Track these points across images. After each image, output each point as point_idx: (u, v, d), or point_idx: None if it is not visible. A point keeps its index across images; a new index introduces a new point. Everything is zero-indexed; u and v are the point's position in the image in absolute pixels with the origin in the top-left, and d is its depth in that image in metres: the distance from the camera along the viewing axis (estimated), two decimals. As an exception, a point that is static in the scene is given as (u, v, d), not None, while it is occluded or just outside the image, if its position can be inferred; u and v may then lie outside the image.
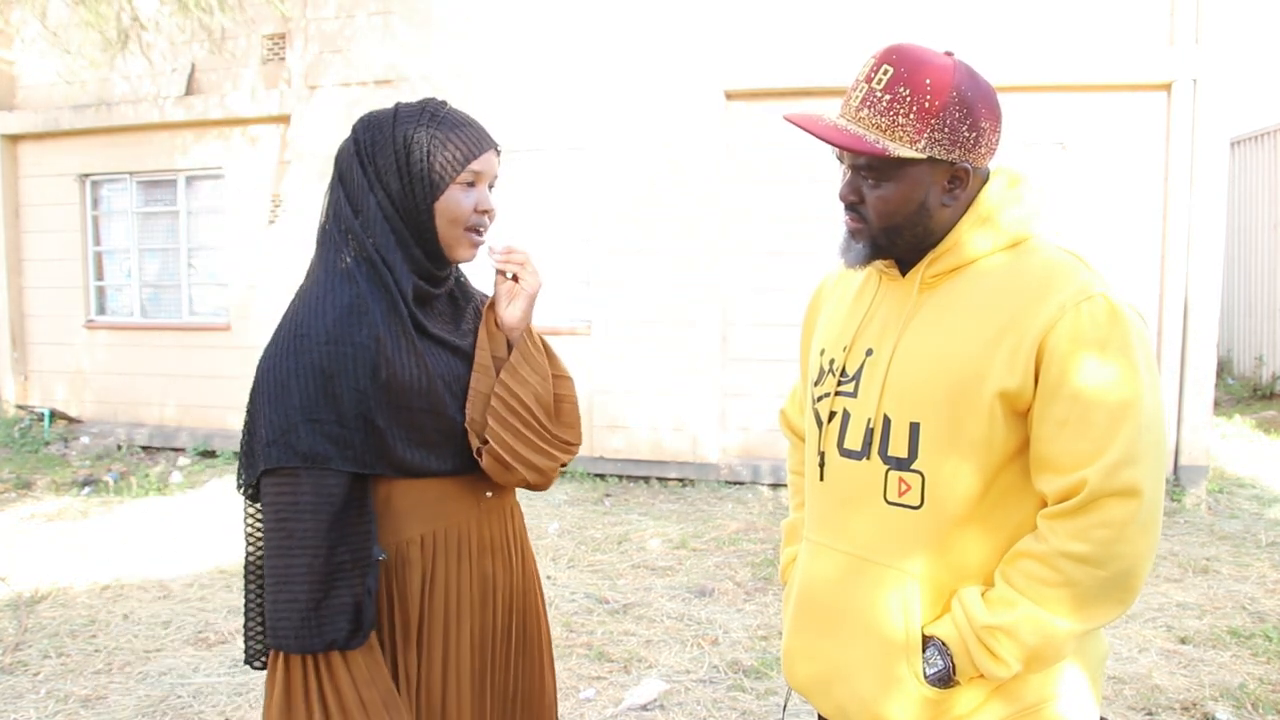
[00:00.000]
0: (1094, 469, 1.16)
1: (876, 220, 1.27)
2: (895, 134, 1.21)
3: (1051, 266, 1.24)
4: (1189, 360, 6.07)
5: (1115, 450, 1.16)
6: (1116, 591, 1.18)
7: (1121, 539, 1.16)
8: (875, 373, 1.30)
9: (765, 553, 4.99)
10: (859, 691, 1.29)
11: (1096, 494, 1.16)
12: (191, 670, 3.53)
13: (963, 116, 1.21)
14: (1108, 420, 1.16)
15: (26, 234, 8.69)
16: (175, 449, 8.11)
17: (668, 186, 6.75)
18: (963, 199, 1.28)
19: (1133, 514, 1.16)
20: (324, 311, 1.33)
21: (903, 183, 1.24)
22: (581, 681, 3.41)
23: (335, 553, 1.28)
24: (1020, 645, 1.19)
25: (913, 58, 1.21)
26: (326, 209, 1.43)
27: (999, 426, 1.21)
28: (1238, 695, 3.23)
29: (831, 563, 1.35)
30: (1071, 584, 1.17)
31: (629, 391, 6.90)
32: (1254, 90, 19.43)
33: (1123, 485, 1.15)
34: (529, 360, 1.49)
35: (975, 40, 6.22)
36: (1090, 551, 1.16)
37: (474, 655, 1.46)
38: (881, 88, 1.21)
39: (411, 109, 1.42)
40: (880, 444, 1.28)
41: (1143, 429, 1.17)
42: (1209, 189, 5.95)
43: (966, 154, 1.24)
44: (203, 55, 8.01)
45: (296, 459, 1.28)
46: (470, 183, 1.41)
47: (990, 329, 1.22)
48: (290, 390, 1.29)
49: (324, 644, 1.27)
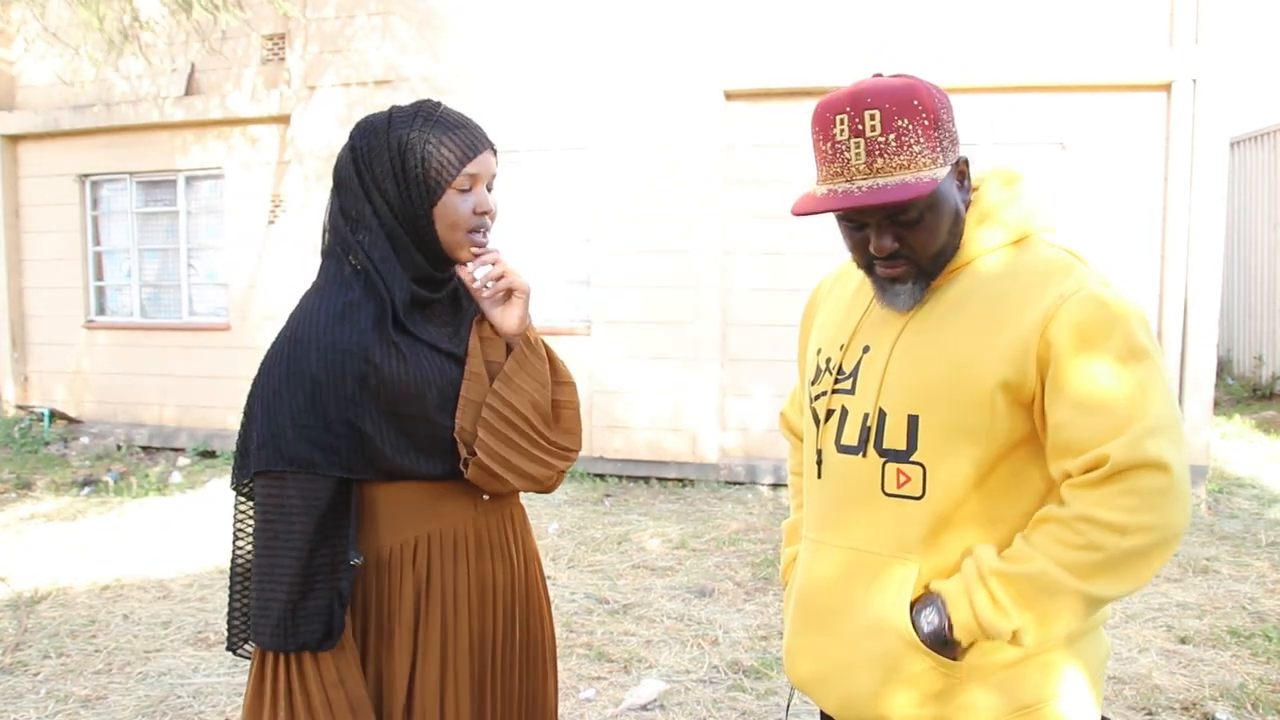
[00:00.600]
0: (1116, 443, 1.15)
1: (924, 254, 1.25)
2: (920, 163, 1.19)
3: (1050, 262, 1.26)
4: (1189, 360, 6.07)
5: (1137, 425, 1.15)
6: (1137, 563, 1.16)
7: (1149, 508, 1.14)
8: (873, 369, 1.31)
9: (765, 553, 4.99)
10: (861, 685, 1.29)
11: (1121, 466, 1.14)
12: (191, 670, 3.53)
13: (949, 115, 1.25)
14: (1125, 399, 1.16)
15: (26, 234, 8.69)
16: (175, 449, 8.11)
17: (668, 186, 6.76)
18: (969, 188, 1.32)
19: (1161, 486, 1.14)
20: (317, 319, 1.35)
21: (943, 204, 1.24)
22: (581, 681, 3.41)
23: (316, 555, 1.31)
24: (1024, 596, 1.16)
25: (883, 92, 1.20)
26: (326, 216, 1.45)
27: (1000, 418, 1.22)
28: (1238, 695, 3.23)
29: (831, 559, 1.35)
30: (1093, 548, 1.15)
31: (629, 391, 6.90)
32: (1254, 90, 19.45)
33: (1147, 457, 1.14)
34: (526, 367, 1.48)
35: (975, 40, 6.23)
36: (1116, 519, 1.14)
37: (473, 658, 1.45)
38: (879, 132, 1.18)
39: (406, 112, 1.42)
40: (876, 438, 1.29)
41: (1160, 403, 1.17)
42: (1209, 189, 5.95)
43: (958, 146, 1.27)
44: (203, 55, 8.01)
45: (284, 463, 1.31)
46: (468, 187, 1.40)
47: (990, 322, 1.23)
48: (282, 395, 1.32)
49: (296, 645, 1.30)
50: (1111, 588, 1.17)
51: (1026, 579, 1.17)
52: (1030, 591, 1.16)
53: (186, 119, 7.94)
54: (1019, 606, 1.17)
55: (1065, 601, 1.16)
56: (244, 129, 7.91)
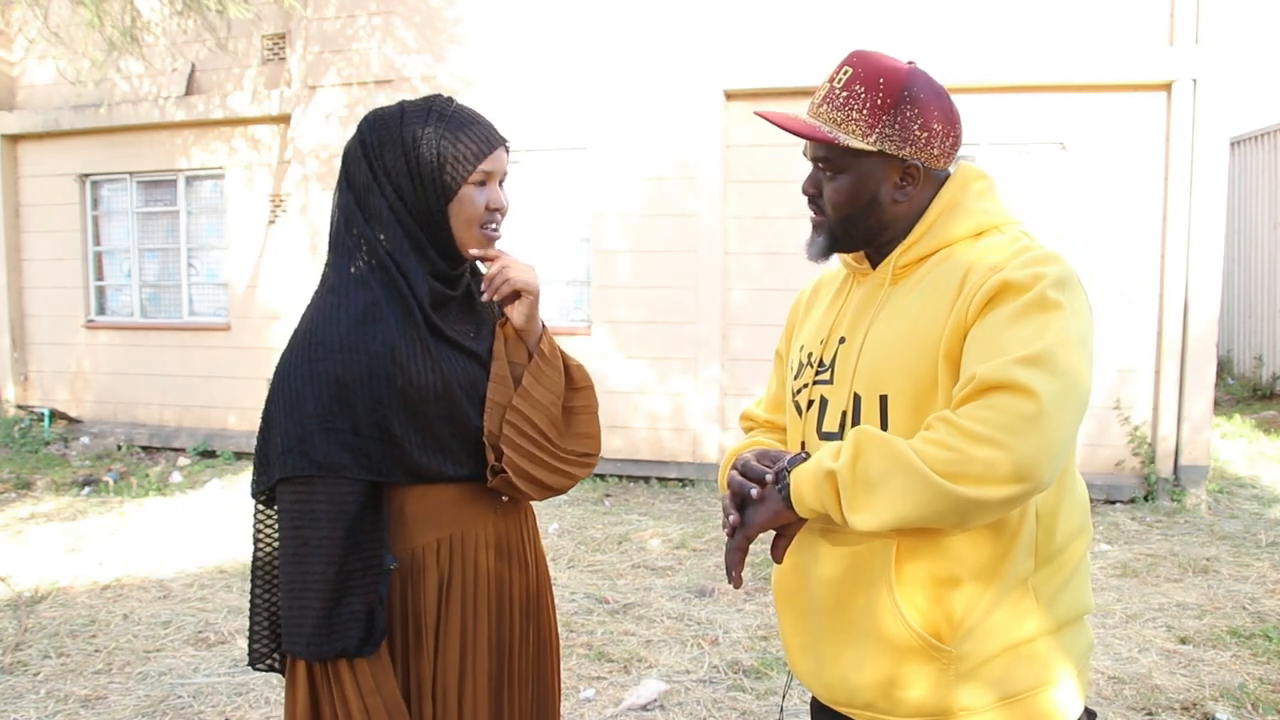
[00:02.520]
0: (985, 365, 1.12)
1: (832, 212, 1.35)
2: (848, 127, 1.29)
3: (1000, 247, 1.27)
4: (1189, 360, 6.07)
5: (1014, 354, 1.11)
6: (982, 479, 1.07)
7: (1005, 427, 1.07)
8: (848, 358, 1.34)
9: (765, 553, 4.98)
10: (853, 672, 1.30)
11: (985, 384, 1.10)
12: (191, 670, 3.53)
13: (914, 115, 1.28)
14: (1015, 337, 1.13)
15: (26, 234, 8.69)
16: (175, 449, 8.11)
17: (668, 186, 6.76)
18: (917, 197, 1.34)
19: (1024, 411, 1.07)
20: (338, 319, 1.33)
21: (855, 175, 1.31)
22: (581, 681, 3.41)
23: (348, 560, 1.29)
24: (862, 456, 1.14)
25: (871, 60, 1.31)
26: (336, 213, 1.42)
27: (946, 389, 1.22)
28: (1238, 695, 3.23)
29: (812, 545, 1.37)
30: (942, 445, 1.10)
31: (629, 391, 6.90)
32: (1254, 90, 19.44)
33: (1013, 379, 1.08)
34: (541, 379, 1.48)
35: (975, 40, 6.23)
36: (968, 425, 1.09)
37: (492, 661, 1.45)
38: (840, 86, 1.30)
39: (418, 106, 1.41)
40: (853, 421, 1.31)
41: (1050, 344, 1.12)
42: (1209, 189, 5.95)
43: (918, 152, 1.30)
44: (203, 55, 8.02)
45: (312, 467, 1.28)
46: (482, 182, 1.40)
47: (940, 299, 1.26)
48: (305, 398, 1.29)
49: (335, 652, 1.27)
50: (952, 488, 1.08)
51: (875, 441, 1.14)
52: (872, 453, 1.13)
53: (187, 119, 7.94)
54: (852, 462, 1.14)
55: (900, 473, 1.11)
56: (244, 129, 7.91)
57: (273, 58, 7.91)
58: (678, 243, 6.75)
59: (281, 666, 1.41)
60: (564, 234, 7.08)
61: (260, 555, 1.41)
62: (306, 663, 1.31)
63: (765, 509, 1.25)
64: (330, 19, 7.60)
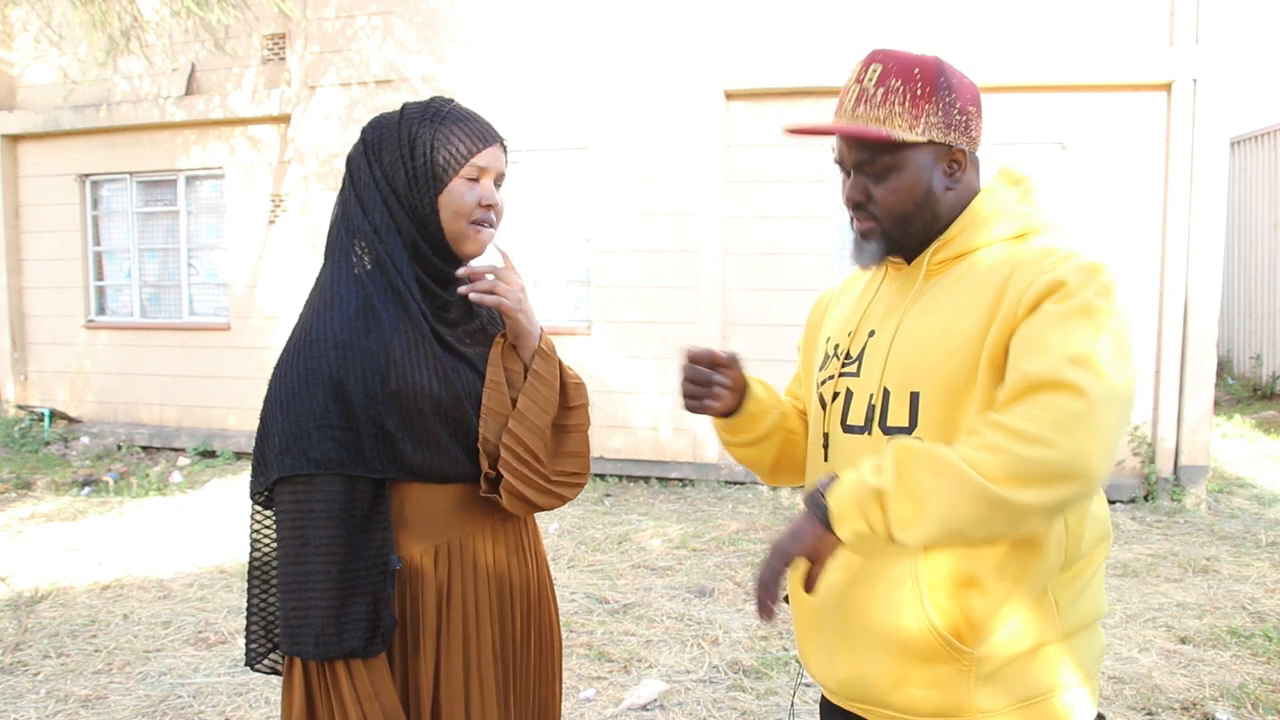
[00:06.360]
0: (1035, 363, 1.11)
1: (887, 214, 1.32)
2: (894, 122, 1.27)
3: (1045, 251, 1.26)
4: (1189, 360, 6.08)
5: (1062, 353, 1.10)
6: (1036, 479, 1.06)
7: (1058, 426, 1.05)
8: (878, 351, 1.33)
9: (765, 553, 4.98)
10: (870, 671, 1.30)
11: (1034, 381, 1.09)
12: (191, 670, 3.53)
13: (952, 100, 1.28)
14: (1061, 338, 1.12)
15: (26, 234, 8.69)
16: (175, 449, 8.12)
17: (668, 187, 6.76)
18: (964, 183, 1.34)
19: (1076, 409, 1.06)
20: (332, 318, 1.33)
21: (908, 170, 1.30)
22: (581, 681, 3.41)
23: (352, 560, 1.29)
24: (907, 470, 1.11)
25: (898, 54, 1.30)
26: (336, 213, 1.43)
27: (986, 391, 1.21)
28: (1238, 695, 3.23)
29: None
30: (992, 449, 1.08)
31: (629, 391, 6.90)
32: (1254, 90, 19.44)
33: (1064, 378, 1.07)
34: (537, 400, 1.46)
35: (975, 40, 6.23)
36: (1020, 425, 1.07)
37: (497, 664, 1.45)
38: (874, 84, 1.29)
39: (418, 107, 1.42)
40: (881, 416, 1.30)
41: (1098, 346, 1.11)
42: (1209, 189, 5.95)
43: (961, 136, 1.30)
44: (203, 55, 8.02)
45: (310, 465, 1.28)
46: (474, 177, 1.40)
47: (981, 301, 1.24)
48: (302, 397, 1.29)
49: (344, 651, 1.27)
50: (1005, 493, 1.06)
51: (919, 454, 1.12)
52: (916, 466, 1.11)
53: (187, 119, 7.94)
54: (900, 477, 1.11)
55: (949, 484, 1.08)
56: (244, 129, 7.91)
57: (273, 58, 7.91)
58: (678, 243, 6.75)
59: (281, 668, 1.41)
60: (564, 234, 7.08)
61: (257, 557, 1.41)
62: (304, 667, 1.30)
63: (804, 535, 1.19)
64: (330, 19, 7.60)
